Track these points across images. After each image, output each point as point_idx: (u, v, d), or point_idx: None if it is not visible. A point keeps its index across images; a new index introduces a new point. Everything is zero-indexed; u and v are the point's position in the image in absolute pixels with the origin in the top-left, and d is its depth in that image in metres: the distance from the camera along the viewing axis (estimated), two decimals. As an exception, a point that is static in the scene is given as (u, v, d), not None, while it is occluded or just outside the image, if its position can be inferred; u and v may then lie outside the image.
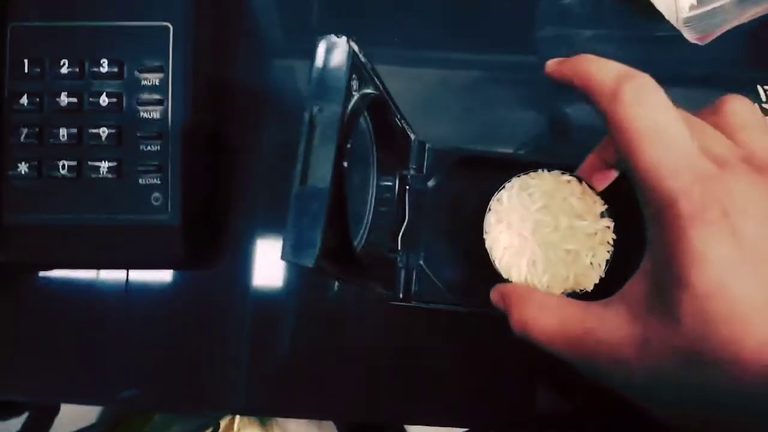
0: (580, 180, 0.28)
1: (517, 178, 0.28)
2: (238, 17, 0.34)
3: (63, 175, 0.28)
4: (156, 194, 0.28)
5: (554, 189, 0.28)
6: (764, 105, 0.33)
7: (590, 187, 0.28)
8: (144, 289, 0.31)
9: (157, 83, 0.28)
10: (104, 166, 0.28)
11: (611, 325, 0.20)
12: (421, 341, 0.31)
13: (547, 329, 0.21)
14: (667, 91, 0.22)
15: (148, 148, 0.28)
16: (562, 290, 0.27)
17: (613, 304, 0.20)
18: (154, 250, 0.28)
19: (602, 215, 0.27)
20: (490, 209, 0.28)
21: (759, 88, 0.33)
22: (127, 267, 0.30)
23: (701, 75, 0.34)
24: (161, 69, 0.28)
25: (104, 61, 0.28)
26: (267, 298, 0.32)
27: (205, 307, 0.31)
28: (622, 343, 0.19)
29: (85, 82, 0.28)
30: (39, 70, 0.28)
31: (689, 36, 0.32)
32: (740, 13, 0.32)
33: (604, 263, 0.27)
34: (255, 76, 0.33)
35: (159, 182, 0.28)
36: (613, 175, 0.27)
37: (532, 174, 0.28)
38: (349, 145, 0.20)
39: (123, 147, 0.28)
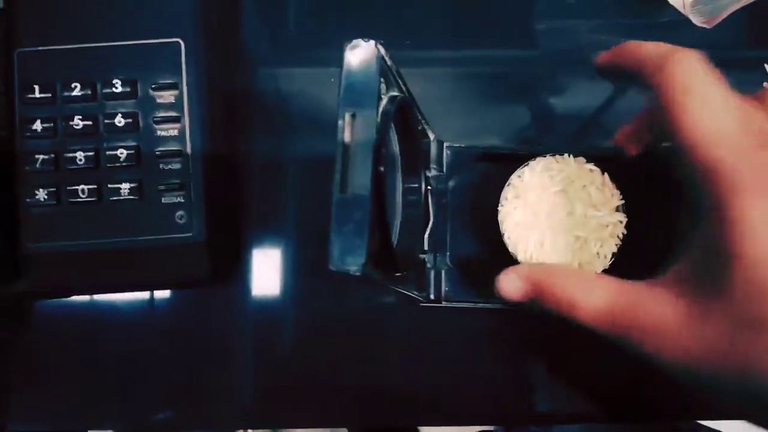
0: (603, 171, 0.28)
1: (542, 158, 0.28)
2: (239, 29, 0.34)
3: (83, 200, 0.27)
4: (180, 212, 0.27)
5: (576, 175, 0.28)
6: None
7: (611, 180, 0.28)
8: (157, 309, 0.31)
9: (172, 100, 0.28)
10: (125, 187, 0.27)
11: (661, 301, 0.20)
12: (433, 341, 0.31)
13: (596, 309, 0.21)
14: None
15: (169, 166, 0.27)
16: None
17: (661, 281, 0.20)
18: (182, 268, 0.28)
19: (617, 209, 0.28)
20: (510, 183, 0.28)
21: (766, 66, 0.33)
22: (154, 288, 0.30)
23: (709, 58, 0.34)
24: (175, 86, 0.28)
25: (117, 82, 0.27)
26: (279, 308, 0.31)
27: (219, 321, 0.31)
28: (672, 319, 0.19)
29: (98, 103, 0.28)
30: (50, 94, 0.28)
31: (696, 20, 0.32)
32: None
33: (610, 255, 0.27)
34: (270, 87, 0.33)
35: (182, 200, 0.27)
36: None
37: (557, 157, 0.28)
38: (383, 150, 0.20)
39: (142, 167, 0.27)
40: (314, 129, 0.32)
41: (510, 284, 0.23)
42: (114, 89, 0.27)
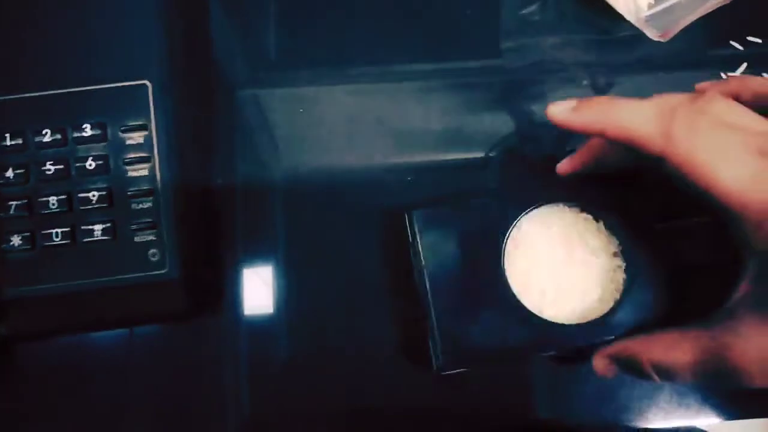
0: (596, 219, 0.29)
1: (537, 209, 0.29)
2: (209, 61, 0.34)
3: (58, 243, 0.28)
4: (153, 250, 0.28)
5: (572, 224, 0.29)
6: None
7: (606, 227, 0.28)
8: (140, 343, 0.31)
9: (141, 141, 0.28)
10: (98, 228, 0.28)
11: (736, 339, 0.21)
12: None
13: (685, 364, 0.22)
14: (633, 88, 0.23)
15: (140, 205, 0.28)
16: (569, 323, 0.27)
17: (733, 318, 0.21)
18: (157, 305, 0.28)
19: (615, 254, 0.28)
20: (509, 236, 0.28)
21: (722, 75, 0.34)
22: (131, 325, 0.30)
23: (666, 70, 0.35)
24: (144, 127, 0.28)
25: (86, 126, 0.28)
26: (265, 340, 0.32)
27: (202, 354, 0.31)
28: (750, 349, 0.20)
29: (69, 148, 0.28)
30: (21, 141, 0.28)
31: (651, 34, 0.33)
32: (698, 6, 0.33)
33: (612, 302, 0.27)
34: (239, 119, 0.34)
35: (154, 238, 0.28)
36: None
37: (551, 206, 0.29)
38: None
39: (115, 208, 0.28)
40: (296, 150, 0.33)
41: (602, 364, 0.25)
42: (84, 133, 0.28)
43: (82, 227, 0.28)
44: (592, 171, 0.28)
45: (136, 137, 0.28)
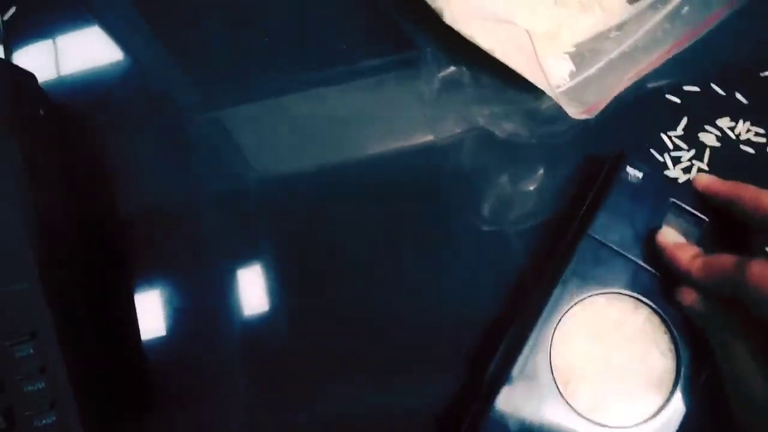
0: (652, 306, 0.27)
1: (582, 300, 0.27)
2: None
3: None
4: None
5: (619, 317, 0.27)
6: (672, 154, 0.31)
7: (657, 313, 0.26)
8: None
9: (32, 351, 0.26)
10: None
11: None
12: None
13: None
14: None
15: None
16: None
17: None
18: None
19: (671, 351, 0.26)
20: (556, 328, 0.26)
21: (663, 136, 0.31)
22: None
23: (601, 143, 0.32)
24: (35, 335, 0.26)
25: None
26: None
27: None
28: None
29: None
30: None
31: (571, 111, 0.29)
32: (621, 75, 0.30)
33: (657, 407, 0.26)
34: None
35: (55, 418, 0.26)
36: None
37: (601, 296, 0.27)
38: None
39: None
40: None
41: None
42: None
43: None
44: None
45: (28, 348, 0.26)
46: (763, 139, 0.31)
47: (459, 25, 0.30)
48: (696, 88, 0.31)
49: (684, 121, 0.31)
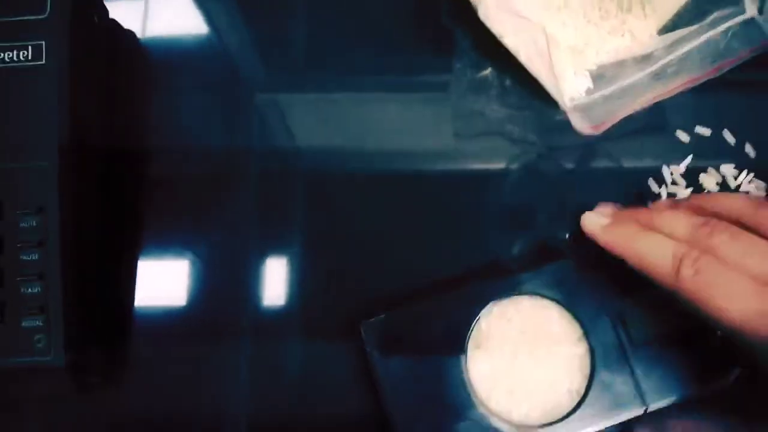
0: (558, 302, 0.28)
1: (494, 303, 0.28)
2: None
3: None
4: (38, 336, 0.28)
5: (532, 314, 0.28)
6: (669, 189, 0.31)
7: (568, 310, 0.28)
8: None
9: (34, 224, 0.28)
10: (-14, 310, 0.28)
11: None
12: None
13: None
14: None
15: (29, 290, 0.28)
16: (541, 419, 0.27)
17: None
18: (41, 388, 0.28)
19: (580, 339, 0.27)
20: (469, 336, 0.28)
21: (665, 168, 0.32)
22: (16, 405, 0.30)
23: (606, 158, 0.32)
24: (41, 210, 0.28)
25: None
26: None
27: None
28: None
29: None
30: None
31: (580, 125, 0.31)
32: (636, 98, 0.30)
33: (583, 390, 0.27)
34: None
35: (41, 324, 0.28)
36: None
37: (511, 299, 0.28)
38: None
39: (4, 289, 0.28)
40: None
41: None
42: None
43: (-30, 307, 0.28)
44: None
45: (32, 220, 0.28)
46: (762, 193, 0.31)
47: (490, 21, 0.32)
48: (707, 131, 0.32)
49: (689, 159, 0.32)
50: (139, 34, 0.37)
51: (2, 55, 0.29)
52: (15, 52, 0.29)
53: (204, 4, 0.38)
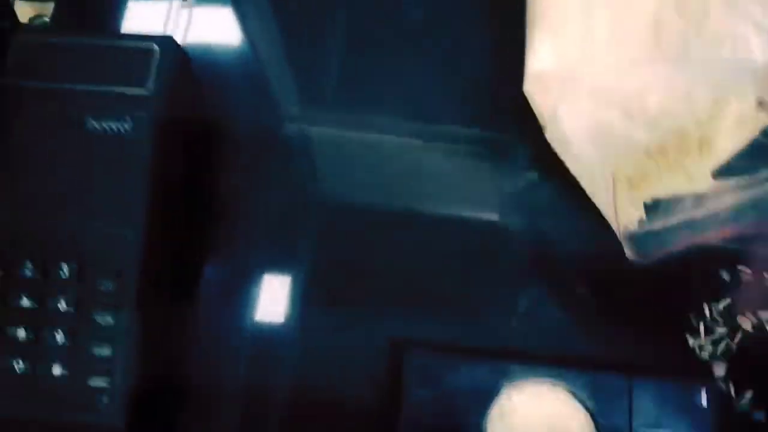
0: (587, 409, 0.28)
1: (532, 382, 0.29)
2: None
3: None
4: (102, 396, 0.29)
5: (559, 410, 0.29)
6: (708, 323, 0.33)
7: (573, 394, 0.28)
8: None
9: (111, 288, 0.30)
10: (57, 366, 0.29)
11: None
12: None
13: None
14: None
15: (100, 350, 0.29)
16: None
17: None
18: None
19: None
20: (498, 403, 0.28)
21: (705, 304, 0.33)
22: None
23: (643, 293, 0.34)
24: (119, 275, 0.30)
25: (64, 266, 0.30)
26: None
27: None
28: None
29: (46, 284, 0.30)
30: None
31: (631, 253, 0.32)
32: (693, 235, 0.32)
33: None
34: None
35: (107, 385, 0.29)
36: None
37: (509, 395, 0.28)
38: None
39: (74, 350, 0.30)
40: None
41: None
42: (61, 273, 0.30)
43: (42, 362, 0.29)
44: None
45: (109, 284, 0.30)
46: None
47: (556, 144, 0.34)
48: (749, 274, 0.34)
49: (728, 299, 0.33)
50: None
51: (104, 124, 0.31)
52: (115, 123, 0.31)
53: (244, 36, 0.41)
